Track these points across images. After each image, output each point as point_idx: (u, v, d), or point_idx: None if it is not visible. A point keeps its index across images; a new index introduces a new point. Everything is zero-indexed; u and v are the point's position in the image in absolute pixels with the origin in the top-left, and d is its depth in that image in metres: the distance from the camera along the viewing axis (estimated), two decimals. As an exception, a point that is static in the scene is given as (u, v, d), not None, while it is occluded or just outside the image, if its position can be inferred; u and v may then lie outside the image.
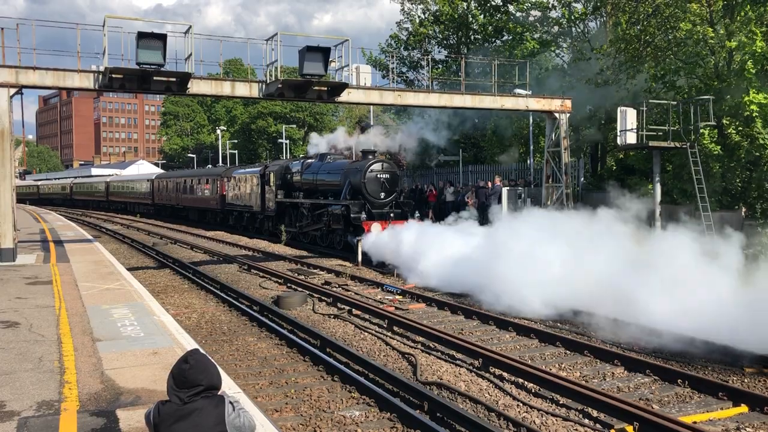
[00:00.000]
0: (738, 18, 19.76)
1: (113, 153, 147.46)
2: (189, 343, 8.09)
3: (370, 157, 22.24)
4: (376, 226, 19.98)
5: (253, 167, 32.74)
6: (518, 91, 21.96)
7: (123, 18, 18.12)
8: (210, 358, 3.48)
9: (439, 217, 22.64)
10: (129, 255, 24.87)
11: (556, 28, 27.94)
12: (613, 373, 8.90)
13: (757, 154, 19.04)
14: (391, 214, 21.09)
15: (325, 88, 18.64)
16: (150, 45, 16.20)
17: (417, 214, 21.38)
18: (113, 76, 16.68)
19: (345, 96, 19.01)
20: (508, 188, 23.91)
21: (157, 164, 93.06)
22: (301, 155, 48.23)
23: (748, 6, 19.62)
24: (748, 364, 8.93)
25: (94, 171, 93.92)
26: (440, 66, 34.34)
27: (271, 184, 27.86)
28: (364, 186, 21.26)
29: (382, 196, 21.48)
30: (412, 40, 35.87)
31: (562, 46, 28.34)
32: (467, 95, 20.98)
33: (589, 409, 7.35)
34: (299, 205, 25.62)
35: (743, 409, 7.40)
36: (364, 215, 20.72)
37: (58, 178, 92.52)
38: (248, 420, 3.38)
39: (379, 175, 21.49)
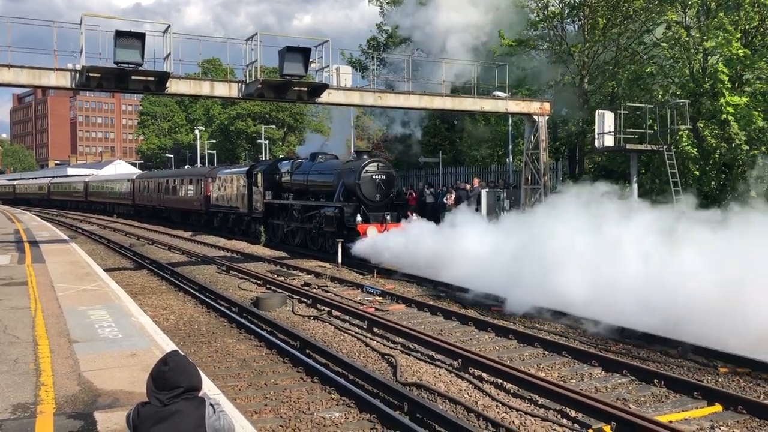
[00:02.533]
0: (712, 23, 20.07)
1: (90, 153, 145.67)
2: (167, 345, 8.03)
3: (365, 156, 21.46)
4: (372, 229, 19.17)
5: (240, 167, 31.60)
6: (498, 93, 22.08)
7: (101, 16, 17.96)
8: (189, 359, 3.47)
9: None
10: (106, 256, 24.61)
11: (532, 31, 28.16)
12: (590, 373, 8.99)
13: (732, 155, 19.35)
14: (388, 217, 20.24)
15: (306, 89, 18.59)
16: (128, 44, 16.02)
17: (412, 216, 20.34)
18: (90, 75, 16.48)
19: (325, 97, 18.97)
20: (487, 190, 24.02)
21: (134, 164, 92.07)
22: (280, 155, 48.04)
23: (722, 13, 19.95)
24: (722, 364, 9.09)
25: (70, 171, 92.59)
26: (419, 68, 34.43)
27: (259, 184, 26.95)
28: (358, 187, 20.48)
29: (377, 198, 20.66)
30: (391, 42, 35.93)
31: (539, 47, 28.53)
32: (447, 97, 21.05)
33: (568, 409, 7.41)
34: (289, 207, 24.79)
35: (717, 408, 7.51)
36: (359, 218, 19.89)
37: (35, 178, 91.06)
38: (228, 423, 3.37)
39: (374, 176, 20.70)
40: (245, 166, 30.97)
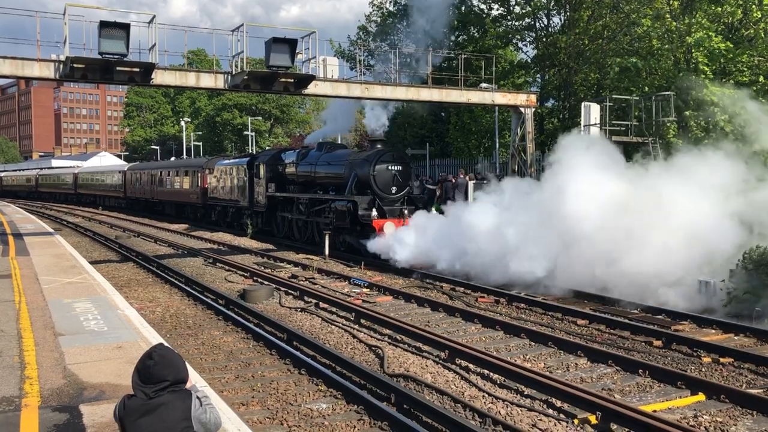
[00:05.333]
0: (696, 16, 20.18)
1: (74, 144, 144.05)
2: (154, 337, 8.01)
3: (379, 146, 20.13)
4: (390, 225, 17.93)
5: (240, 157, 30.29)
6: (484, 85, 22.10)
7: (85, 6, 17.71)
8: (175, 351, 3.46)
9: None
10: (91, 248, 24.43)
11: (518, 23, 28.20)
12: (576, 363, 9.06)
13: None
14: (405, 211, 18.94)
15: (292, 80, 18.53)
16: (113, 34, 15.89)
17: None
18: (75, 65, 16.33)
19: (312, 88, 18.92)
20: (474, 181, 24.05)
21: (119, 156, 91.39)
22: (267, 147, 47.76)
23: (706, 5, 20.07)
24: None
25: (55, 162, 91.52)
26: (409, 60, 34.38)
27: (261, 176, 25.33)
28: (373, 179, 18.99)
29: (393, 191, 19.22)
30: (380, 33, 35.87)
31: (525, 40, 28.61)
32: (434, 89, 21.06)
33: (553, 399, 7.47)
34: (294, 200, 23.27)
35: (701, 397, 7.60)
36: (374, 213, 18.48)
37: (22, 170, 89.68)
38: (214, 416, 3.37)
39: (390, 167, 19.26)
40: (246, 156, 29.38)
